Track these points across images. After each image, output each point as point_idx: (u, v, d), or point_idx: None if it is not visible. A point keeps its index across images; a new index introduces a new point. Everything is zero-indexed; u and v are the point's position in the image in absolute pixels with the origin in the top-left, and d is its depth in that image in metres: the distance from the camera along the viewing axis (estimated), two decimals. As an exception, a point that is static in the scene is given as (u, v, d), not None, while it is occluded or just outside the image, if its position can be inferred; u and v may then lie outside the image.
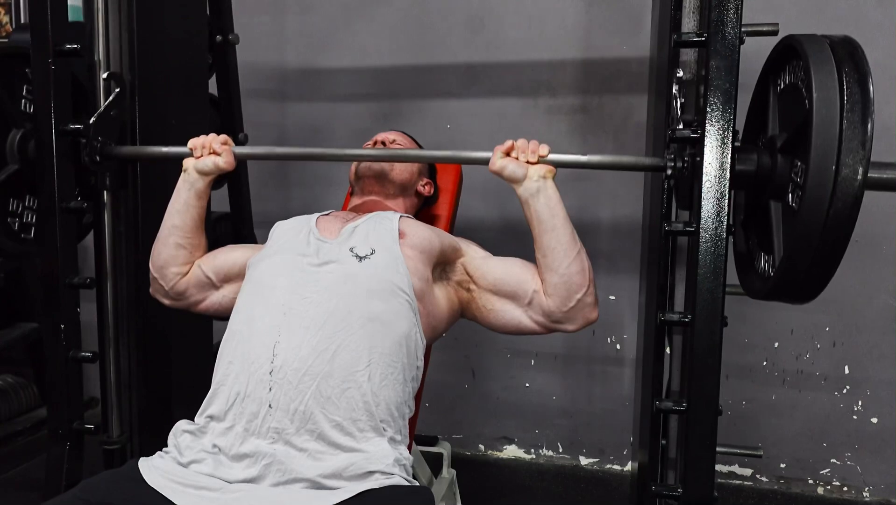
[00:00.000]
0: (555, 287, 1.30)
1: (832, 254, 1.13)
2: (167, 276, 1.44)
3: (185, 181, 1.43)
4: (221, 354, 1.26)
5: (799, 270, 1.17)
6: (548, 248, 1.30)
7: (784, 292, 1.25)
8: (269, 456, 1.12)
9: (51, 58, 1.55)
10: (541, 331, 1.36)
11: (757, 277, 1.35)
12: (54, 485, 1.62)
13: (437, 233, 1.42)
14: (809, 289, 1.22)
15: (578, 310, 1.31)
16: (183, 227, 1.43)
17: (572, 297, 1.30)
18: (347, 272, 1.25)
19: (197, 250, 1.46)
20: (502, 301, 1.37)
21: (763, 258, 1.32)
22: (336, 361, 1.17)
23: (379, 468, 1.13)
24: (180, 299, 1.47)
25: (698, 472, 1.30)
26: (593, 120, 2.43)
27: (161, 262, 1.44)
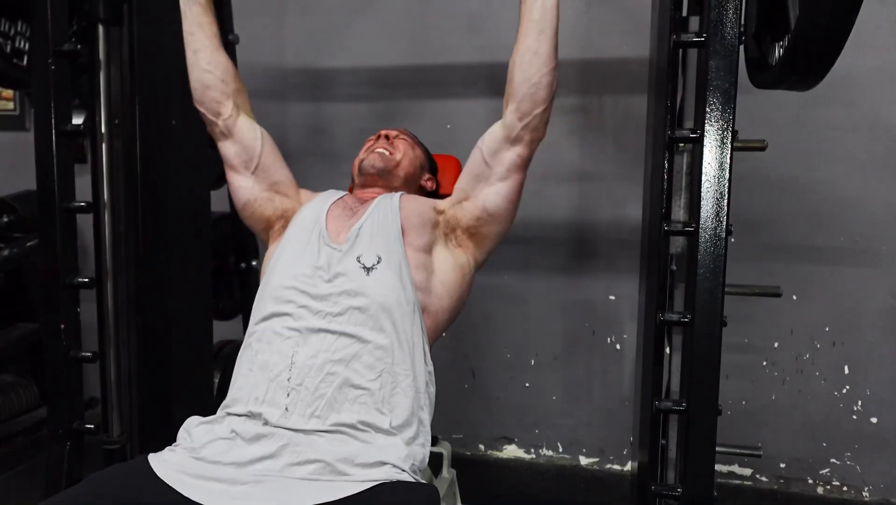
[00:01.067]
0: (522, 96, 1.32)
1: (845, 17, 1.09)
2: (207, 102, 1.46)
3: (187, 0, 1.45)
4: (240, 362, 1.30)
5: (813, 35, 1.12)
6: (529, 50, 1.32)
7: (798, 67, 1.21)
8: (285, 438, 1.16)
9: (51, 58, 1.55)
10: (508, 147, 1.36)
11: (769, 71, 1.32)
12: (54, 485, 1.63)
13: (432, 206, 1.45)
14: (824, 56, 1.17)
15: (535, 124, 1.34)
16: (202, 48, 1.44)
17: (536, 108, 1.32)
18: (357, 286, 1.28)
19: (226, 72, 1.46)
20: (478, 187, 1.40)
21: (777, 47, 1.29)
22: (350, 371, 1.21)
23: (391, 461, 1.15)
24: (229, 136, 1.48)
25: (698, 472, 1.30)
26: (593, 120, 2.43)
27: (199, 85, 1.45)
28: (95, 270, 1.73)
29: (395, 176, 1.57)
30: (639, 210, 1.97)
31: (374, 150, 1.58)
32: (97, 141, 1.71)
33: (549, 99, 1.33)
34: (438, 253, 1.41)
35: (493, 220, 1.41)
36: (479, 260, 1.45)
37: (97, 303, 1.73)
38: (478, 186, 1.40)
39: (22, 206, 2.68)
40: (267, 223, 1.49)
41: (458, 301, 1.43)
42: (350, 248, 1.33)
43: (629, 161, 2.35)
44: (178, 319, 1.78)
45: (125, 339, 1.74)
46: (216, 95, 1.46)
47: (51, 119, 1.57)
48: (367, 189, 1.57)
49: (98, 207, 1.70)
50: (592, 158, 2.45)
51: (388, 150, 1.57)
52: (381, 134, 1.63)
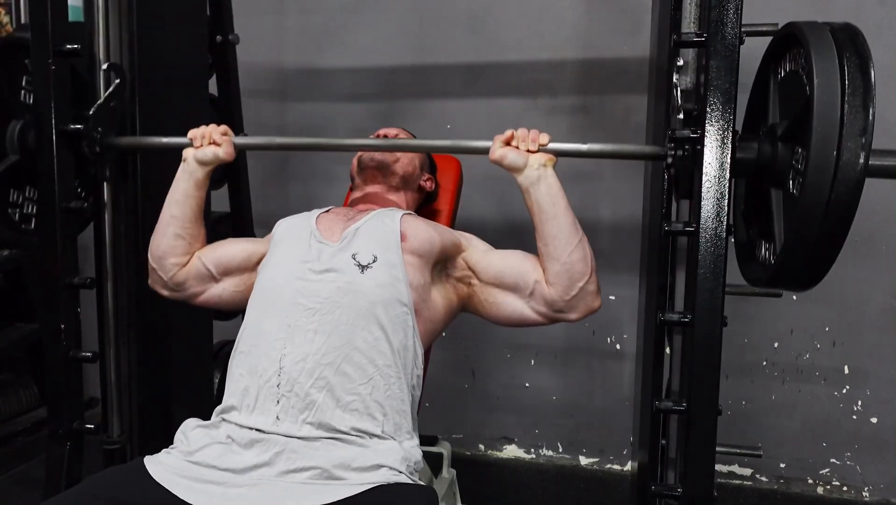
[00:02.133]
0: (557, 276, 1.30)
1: (833, 240, 1.12)
2: (165, 266, 1.43)
3: (185, 171, 1.43)
4: (231, 365, 1.29)
5: (800, 256, 1.16)
6: (549, 236, 1.30)
7: (785, 279, 1.24)
8: (279, 444, 1.15)
9: (51, 58, 1.55)
10: (543, 322, 1.35)
11: (758, 265, 1.34)
12: (54, 485, 1.62)
13: (439, 230, 1.42)
14: (810, 275, 1.21)
15: (580, 298, 1.31)
16: (182, 217, 1.42)
17: (574, 285, 1.30)
18: (349, 282, 1.26)
19: (196, 241, 1.45)
20: (504, 293, 1.37)
21: (764, 246, 1.32)
22: (340, 374, 1.20)
23: (387, 463, 1.15)
24: (179, 290, 1.46)
25: (698, 472, 1.30)
26: (593, 120, 2.43)
27: (160, 252, 1.43)
28: (95, 270, 1.73)
29: (393, 172, 1.57)
30: (639, 210, 1.97)
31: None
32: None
33: (589, 272, 1.31)
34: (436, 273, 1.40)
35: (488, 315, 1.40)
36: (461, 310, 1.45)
37: (97, 303, 1.72)
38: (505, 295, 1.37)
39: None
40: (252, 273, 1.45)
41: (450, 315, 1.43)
42: (345, 245, 1.32)
43: (629, 161, 2.35)
44: (178, 319, 1.78)
45: (125, 339, 1.74)
46: (173, 261, 1.43)
47: (51, 120, 1.57)
48: (367, 186, 1.56)
49: (98, 201, 1.70)
50: (592, 158, 2.44)
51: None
52: (380, 133, 1.63)
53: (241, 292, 1.44)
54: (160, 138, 1.57)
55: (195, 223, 1.44)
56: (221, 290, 1.45)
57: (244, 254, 1.43)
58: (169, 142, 1.54)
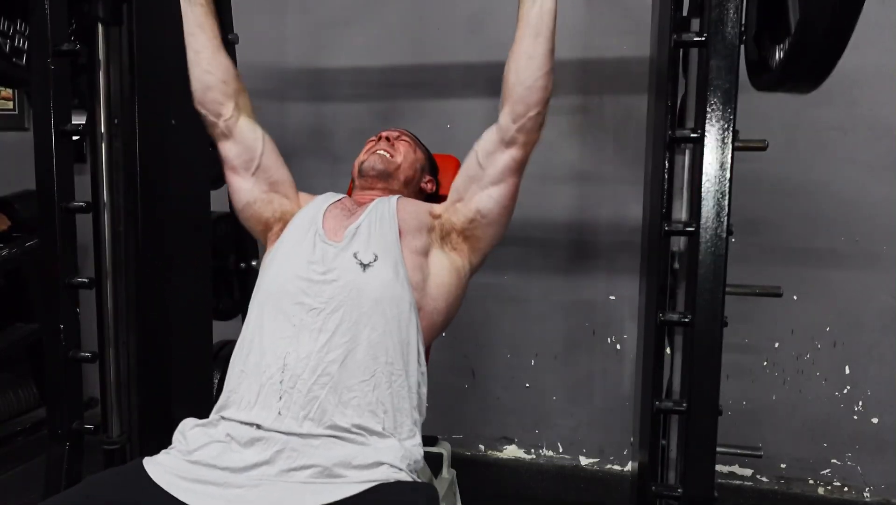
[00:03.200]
0: (518, 98, 1.31)
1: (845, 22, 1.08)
2: (207, 103, 1.45)
3: (188, 1, 1.44)
4: (233, 362, 1.29)
5: (813, 37, 1.11)
6: (525, 54, 1.31)
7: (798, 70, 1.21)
8: (280, 442, 1.15)
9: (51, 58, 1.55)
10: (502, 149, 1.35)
11: (769, 73, 1.31)
12: (54, 485, 1.62)
13: (428, 210, 1.45)
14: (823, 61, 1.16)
15: (531, 124, 1.32)
16: (202, 48, 1.44)
17: (530, 110, 1.31)
18: (352, 282, 1.27)
19: (228, 74, 1.45)
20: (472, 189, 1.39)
21: (777, 50, 1.28)
22: (343, 372, 1.20)
23: (388, 461, 1.14)
24: (230, 136, 1.47)
25: (698, 472, 1.30)
26: (593, 120, 2.43)
27: (199, 87, 1.44)
28: (95, 270, 1.72)
29: (394, 178, 1.57)
30: (639, 210, 1.97)
31: (375, 151, 1.58)
32: (97, 141, 1.71)
33: (544, 102, 1.32)
34: (434, 256, 1.40)
35: (487, 223, 1.39)
36: (475, 263, 1.45)
37: (97, 303, 1.72)
38: (471, 188, 1.39)
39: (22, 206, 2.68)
40: (265, 225, 1.49)
41: (454, 304, 1.42)
42: (347, 245, 1.33)
43: (629, 161, 2.35)
44: (178, 319, 1.78)
45: (125, 339, 1.73)
46: (217, 97, 1.45)
47: (50, 119, 1.57)
48: (367, 191, 1.57)
49: (98, 207, 1.70)
50: (592, 158, 2.45)
51: (388, 151, 1.58)
52: (381, 136, 1.63)
53: (249, 202, 1.47)
54: None
55: (218, 53, 1.45)
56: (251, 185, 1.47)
57: (285, 186, 1.49)
58: None
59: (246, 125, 1.47)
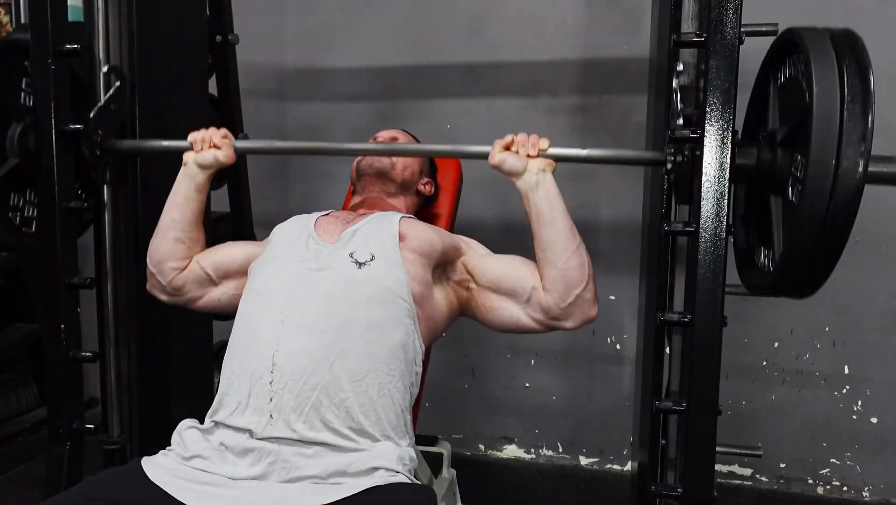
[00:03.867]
0: (553, 282, 1.29)
1: (832, 248, 1.12)
2: (164, 270, 1.43)
3: (185, 175, 1.43)
4: (225, 363, 1.27)
5: (799, 264, 1.16)
6: (546, 242, 1.30)
7: (784, 287, 1.25)
8: (273, 454, 1.14)
9: (51, 58, 1.55)
10: (539, 329, 1.35)
11: (757, 272, 1.35)
12: (54, 485, 1.62)
13: (439, 233, 1.42)
14: (810, 283, 1.21)
15: (577, 306, 1.30)
16: (182, 220, 1.42)
17: (571, 292, 1.29)
18: (346, 279, 1.25)
19: (195, 245, 1.44)
20: (501, 299, 1.37)
21: (763, 253, 1.32)
22: (335, 371, 1.17)
23: (383, 465, 1.14)
24: (178, 295, 1.45)
25: (698, 472, 1.30)
26: (593, 120, 2.43)
27: (159, 256, 1.43)
28: (95, 270, 1.73)
29: (392, 179, 1.57)
30: (639, 210, 1.97)
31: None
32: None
33: (586, 279, 1.29)
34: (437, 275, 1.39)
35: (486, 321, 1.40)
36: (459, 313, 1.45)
37: (97, 303, 1.72)
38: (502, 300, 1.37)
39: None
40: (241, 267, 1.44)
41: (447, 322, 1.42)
42: (343, 245, 1.31)
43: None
44: (178, 319, 1.78)
45: (125, 339, 1.74)
46: (172, 265, 1.42)
47: (51, 119, 1.57)
48: (365, 194, 1.56)
49: (98, 203, 1.70)
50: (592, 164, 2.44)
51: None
52: (378, 138, 1.62)
53: (239, 296, 1.42)
54: (160, 141, 1.57)
55: (195, 227, 1.44)
56: (220, 293, 1.44)
57: (243, 256, 1.42)
58: (169, 145, 1.54)
59: (189, 273, 1.43)
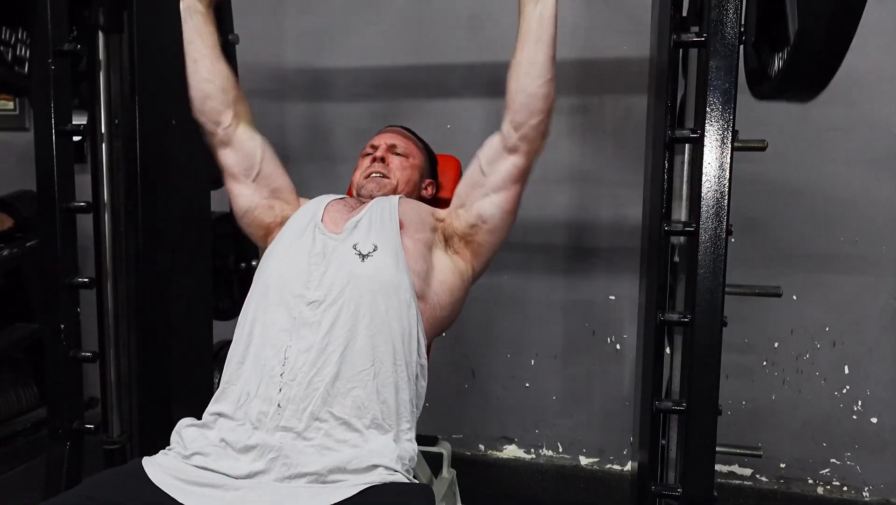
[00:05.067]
0: (520, 105, 1.31)
1: (844, 31, 1.08)
2: (209, 112, 1.44)
3: (187, 10, 1.44)
4: (231, 354, 1.28)
5: (812, 47, 1.11)
6: (528, 61, 1.30)
7: (798, 80, 1.20)
8: (275, 450, 1.14)
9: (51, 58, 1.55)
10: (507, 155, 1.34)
11: (769, 81, 1.31)
12: (54, 485, 1.62)
13: (431, 212, 1.45)
14: (822, 72, 1.16)
15: (532, 132, 1.32)
16: (201, 57, 1.43)
17: (532, 118, 1.31)
18: (351, 272, 1.27)
19: (227, 82, 1.45)
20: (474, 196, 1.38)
21: (776, 59, 1.28)
22: (343, 363, 1.20)
23: (383, 463, 1.14)
24: (227, 145, 1.47)
25: (698, 472, 1.30)
26: (593, 120, 2.43)
27: (198, 98, 1.44)
28: (95, 270, 1.73)
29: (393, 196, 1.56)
30: (639, 210, 1.97)
31: (370, 174, 1.56)
32: (97, 141, 1.71)
33: (546, 110, 1.32)
34: (438, 254, 1.41)
35: (488, 229, 1.39)
36: (477, 269, 1.44)
37: (97, 303, 1.73)
38: (474, 194, 1.39)
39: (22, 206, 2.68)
40: (266, 230, 1.48)
41: (457, 302, 1.42)
42: (347, 237, 1.33)
43: (629, 161, 2.35)
44: (178, 319, 1.78)
45: (125, 339, 1.74)
46: (216, 105, 1.44)
47: (51, 119, 1.57)
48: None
49: (98, 207, 1.70)
50: (592, 158, 2.45)
51: (382, 173, 1.56)
52: (375, 156, 1.60)
53: (250, 209, 1.47)
54: None
55: (217, 62, 1.44)
56: (251, 193, 1.47)
57: (286, 193, 1.49)
58: None
59: (245, 133, 1.47)
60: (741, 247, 1.93)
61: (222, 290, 2.38)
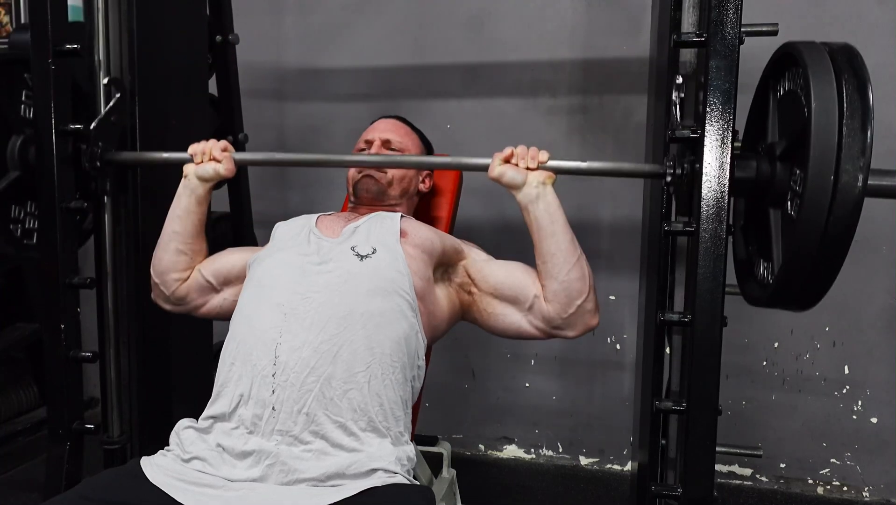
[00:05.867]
0: (555, 293, 1.30)
1: (831, 263, 1.12)
2: (167, 281, 1.45)
3: (186, 187, 1.43)
4: (224, 355, 1.26)
5: (797, 278, 1.16)
6: (547, 253, 1.30)
7: (783, 300, 1.25)
8: (272, 456, 1.13)
9: (51, 58, 1.55)
10: (540, 336, 1.36)
11: (756, 284, 1.35)
12: (54, 485, 1.62)
13: (439, 234, 1.43)
14: (808, 297, 1.21)
15: (578, 316, 1.31)
16: (184, 232, 1.43)
17: (572, 303, 1.30)
18: (348, 271, 1.26)
19: (198, 256, 1.46)
20: (503, 305, 1.37)
21: (762, 265, 1.32)
22: (338, 363, 1.18)
23: (382, 466, 1.14)
24: (181, 304, 1.47)
25: (698, 472, 1.30)
26: (593, 120, 2.43)
27: (162, 267, 1.45)
28: (95, 270, 1.73)
29: (389, 195, 1.56)
30: (639, 210, 1.97)
31: (365, 171, 1.55)
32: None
33: (587, 290, 1.31)
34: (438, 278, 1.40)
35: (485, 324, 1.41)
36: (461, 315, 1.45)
37: (97, 303, 1.72)
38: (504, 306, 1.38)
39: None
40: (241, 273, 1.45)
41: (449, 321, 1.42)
42: (345, 240, 1.33)
43: (629, 161, 2.35)
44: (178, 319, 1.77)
45: (125, 339, 1.74)
46: (175, 277, 1.45)
47: (51, 120, 1.57)
48: (364, 207, 1.56)
49: (98, 211, 1.70)
50: (592, 158, 2.43)
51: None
52: (369, 140, 1.59)
53: (228, 300, 1.45)
54: (161, 153, 1.58)
55: (197, 238, 1.45)
56: (222, 300, 1.46)
57: (243, 262, 1.43)
58: (169, 157, 1.55)
59: (191, 283, 1.45)
60: (741, 247, 1.93)
61: (222, 290, 2.37)
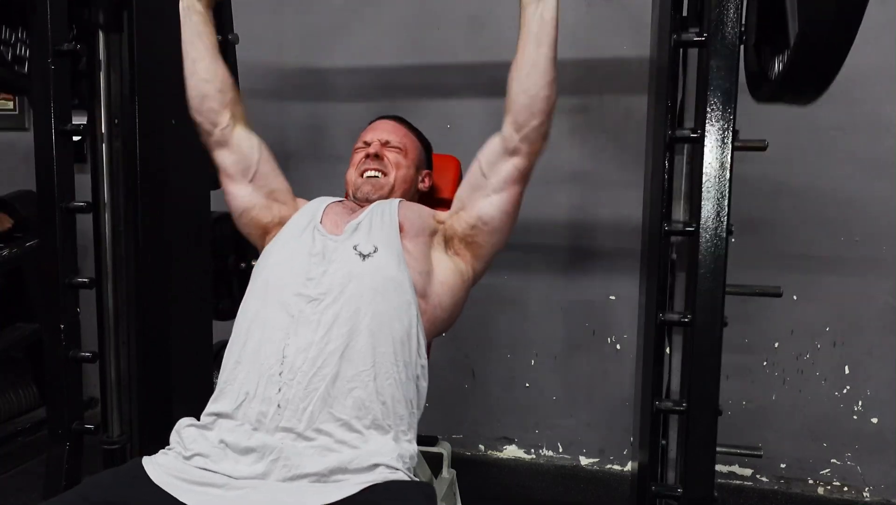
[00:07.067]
0: (520, 107, 1.31)
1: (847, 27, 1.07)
2: (206, 112, 1.45)
3: (186, 9, 1.44)
4: (229, 353, 1.27)
5: (815, 46, 1.11)
6: (530, 62, 1.30)
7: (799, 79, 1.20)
8: (275, 451, 1.14)
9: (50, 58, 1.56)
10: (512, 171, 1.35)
11: (769, 84, 1.30)
12: (54, 485, 1.63)
13: (432, 214, 1.46)
14: (825, 68, 1.16)
15: (532, 137, 1.32)
16: (200, 58, 1.44)
17: (531, 121, 1.31)
18: (351, 272, 1.27)
19: (225, 84, 1.45)
20: (475, 197, 1.38)
21: (777, 60, 1.28)
22: (343, 363, 1.19)
23: (383, 462, 1.14)
24: (224, 146, 1.47)
25: (698, 472, 1.30)
26: (593, 120, 2.43)
27: (196, 97, 1.45)
28: (95, 270, 1.73)
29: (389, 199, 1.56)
30: (639, 210, 1.97)
31: (365, 173, 1.54)
32: (97, 141, 1.71)
33: (548, 112, 1.32)
34: (438, 256, 1.41)
35: (489, 230, 1.39)
36: (478, 270, 1.44)
37: (97, 303, 1.72)
38: (474, 196, 1.39)
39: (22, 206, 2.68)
40: (264, 230, 1.48)
41: (458, 304, 1.42)
42: (347, 238, 1.34)
43: (629, 161, 2.35)
44: (178, 319, 1.78)
45: (125, 339, 1.74)
46: (214, 106, 1.45)
47: (51, 119, 1.57)
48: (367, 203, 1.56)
49: (98, 207, 1.70)
50: (592, 158, 2.45)
51: (379, 170, 1.55)
52: (368, 153, 1.58)
53: (248, 209, 1.47)
54: None
55: (216, 62, 1.45)
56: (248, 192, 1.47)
57: (283, 194, 1.49)
58: None
59: (242, 134, 1.47)
60: (741, 247, 1.93)
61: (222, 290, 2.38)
